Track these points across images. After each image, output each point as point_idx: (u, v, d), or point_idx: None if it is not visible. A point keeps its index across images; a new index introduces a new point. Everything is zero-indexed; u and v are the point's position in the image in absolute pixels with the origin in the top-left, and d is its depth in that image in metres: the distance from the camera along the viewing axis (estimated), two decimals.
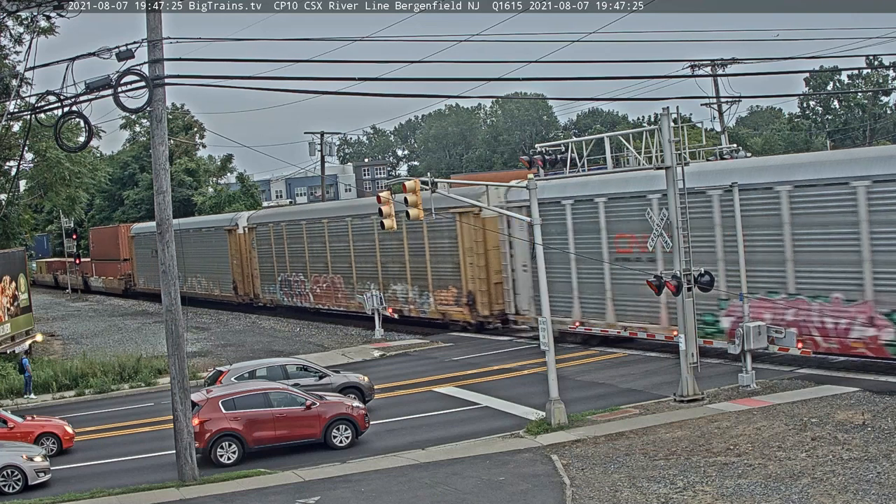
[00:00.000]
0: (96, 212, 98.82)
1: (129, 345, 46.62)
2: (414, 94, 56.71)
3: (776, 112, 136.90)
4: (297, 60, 23.33)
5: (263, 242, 54.97)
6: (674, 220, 25.45)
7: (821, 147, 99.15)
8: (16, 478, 22.30)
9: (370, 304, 44.01)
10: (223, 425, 23.43)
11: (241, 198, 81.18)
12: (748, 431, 21.51)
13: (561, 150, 27.81)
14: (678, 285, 24.88)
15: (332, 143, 70.75)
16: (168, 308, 22.05)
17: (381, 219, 26.16)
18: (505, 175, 59.68)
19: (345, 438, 24.11)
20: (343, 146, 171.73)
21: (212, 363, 37.48)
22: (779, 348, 26.36)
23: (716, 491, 17.61)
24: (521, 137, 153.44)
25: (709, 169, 31.27)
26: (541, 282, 24.84)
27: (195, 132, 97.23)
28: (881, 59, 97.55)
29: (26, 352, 41.43)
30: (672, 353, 30.32)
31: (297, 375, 28.12)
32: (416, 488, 19.61)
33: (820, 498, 16.70)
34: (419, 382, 31.96)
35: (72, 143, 32.43)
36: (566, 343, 34.97)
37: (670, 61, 51.50)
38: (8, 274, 42.34)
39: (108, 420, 30.31)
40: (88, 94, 20.86)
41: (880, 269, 25.64)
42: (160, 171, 21.86)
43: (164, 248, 21.97)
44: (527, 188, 25.07)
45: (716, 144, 42.81)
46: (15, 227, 50.50)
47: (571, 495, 18.15)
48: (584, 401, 26.50)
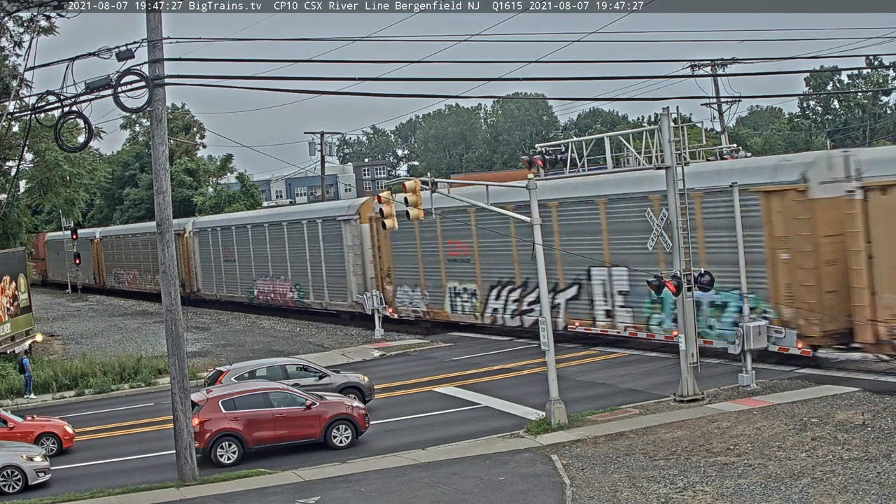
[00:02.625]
0: (96, 212, 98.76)
1: (129, 345, 46.61)
2: (414, 94, 56.76)
3: (776, 112, 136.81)
4: (297, 60, 23.39)
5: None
6: (674, 221, 25.44)
7: (821, 147, 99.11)
8: (16, 478, 22.30)
9: (370, 304, 44.02)
10: (223, 425, 23.43)
11: (241, 198, 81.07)
12: (748, 431, 21.51)
13: (561, 150, 27.82)
14: (678, 285, 24.90)
15: (332, 143, 70.95)
16: (168, 308, 22.04)
17: (383, 219, 26.20)
18: (505, 175, 59.79)
19: (345, 438, 24.11)
20: (343, 146, 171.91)
21: (212, 363, 37.48)
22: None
23: (716, 491, 17.61)
24: (521, 137, 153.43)
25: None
26: (541, 282, 24.83)
27: (195, 132, 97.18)
28: (881, 59, 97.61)
29: (26, 352, 41.40)
30: (672, 354, 30.33)
31: (297, 375, 28.12)
32: (416, 488, 19.61)
33: (820, 498, 16.70)
34: (419, 382, 31.97)
35: (72, 143, 32.38)
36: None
37: (670, 61, 51.70)
38: (8, 274, 42.33)
39: (108, 420, 30.31)
40: (88, 94, 20.86)
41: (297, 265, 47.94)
42: (160, 171, 21.86)
43: (164, 248, 21.97)
44: (527, 188, 25.08)
45: (716, 144, 42.79)
46: (15, 228, 50.48)
47: (571, 495, 18.15)
48: (584, 401, 26.50)
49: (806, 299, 27.34)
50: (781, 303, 27.90)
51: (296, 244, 51.43)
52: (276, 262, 53.97)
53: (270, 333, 48.91)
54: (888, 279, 25.14)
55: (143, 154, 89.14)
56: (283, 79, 22.11)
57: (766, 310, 28.09)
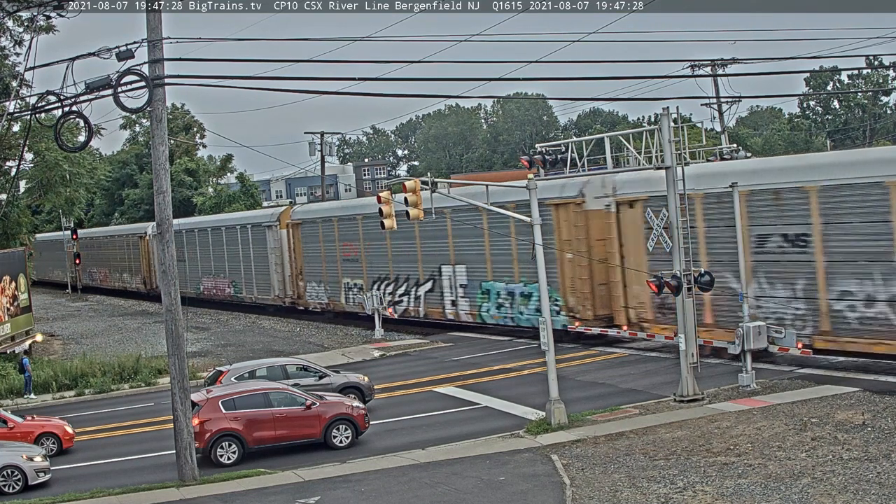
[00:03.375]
0: (96, 211, 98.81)
1: (129, 345, 46.61)
2: (414, 94, 56.60)
3: (776, 112, 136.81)
4: (298, 60, 23.36)
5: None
6: (674, 221, 25.46)
7: (821, 147, 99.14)
8: (16, 478, 22.30)
9: (370, 304, 44.06)
10: (223, 425, 23.43)
11: (241, 198, 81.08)
12: (748, 431, 21.51)
13: (561, 150, 27.84)
14: (678, 285, 24.91)
15: (332, 143, 71.17)
16: (168, 308, 22.04)
17: (382, 218, 26.22)
18: (505, 175, 60.07)
19: (345, 438, 24.11)
20: (343, 146, 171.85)
21: (212, 363, 37.49)
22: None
23: (716, 491, 17.61)
24: (522, 137, 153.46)
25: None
26: (540, 282, 24.83)
27: (195, 132, 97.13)
28: (881, 59, 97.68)
29: (26, 352, 41.42)
30: (672, 353, 30.34)
31: (297, 375, 28.12)
32: (416, 488, 19.61)
33: (820, 498, 16.70)
34: (419, 382, 31.97)
35: (72, 143, 32.36)
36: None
37: (670, 61, 51.66)
38: (8, 274, 42.35)
39: (108, 420, 30.31)
40: (88, 94, 20.86)
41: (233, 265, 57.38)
42: (160, 171, 21.86)
43: (164, 248, 21.97)
44: (527, 188, 25.09)
45: (716, 144, 42.80)
46: (15, 228, 50.48)
47: (571, 495, 18.16)
48: (584, 401, 26.50)
49: (582, 290, 34.95)
50: (567, 293, 35.42)
51: (232, 247, 59.19)
52: (217, 262, 62.03)
53: (270, 333, 48.92)
54: (635, 275, 32.04)
55: (143, 154, 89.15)
56: (283, 79, 22.14)
57: (557, 298, 35.04)
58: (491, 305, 38.68)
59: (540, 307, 25.00)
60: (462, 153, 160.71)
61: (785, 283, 27.88)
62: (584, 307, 34.91)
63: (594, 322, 34.68)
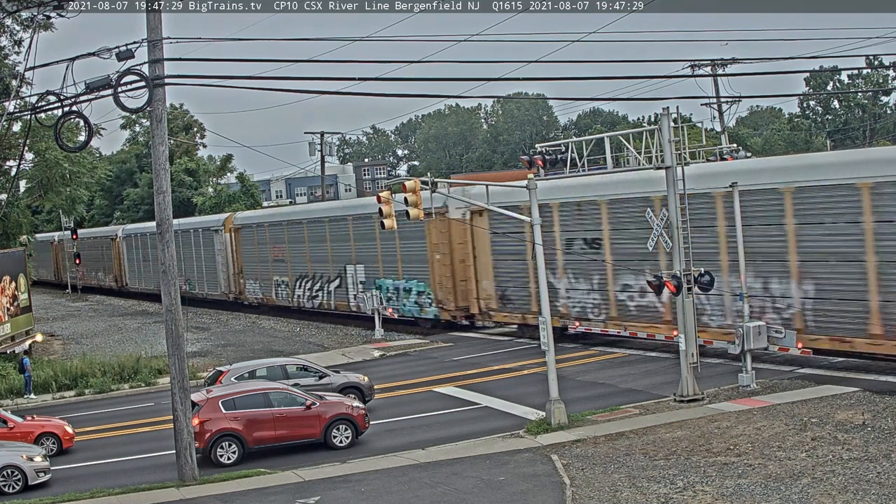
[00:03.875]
0: (97, 211, 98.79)
1: (129, 345, 46.60)
2: (414, 94, 56.60)
3: (776, 112, 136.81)
4: (298, 60, 23.33)
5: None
6: (674, 221, 25.46)
7: (821, 147, 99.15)
8: (16, 478, 22.31)
9: (370, 304, 44.06)
10: (223, 425, 23.43)
11: (241, 198, 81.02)
12: (748, 431, 21.51)
13: (561, 150, 27.84)
14: (678, 285, 24.91)
15: (332, 143, 71.25)
16: (168, 308, 22.04)
17: (382, 218, 26.22)
18: (505, 175, 60.13)
19: (345, 438, 24.11)
20: (343, 146, 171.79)
21: (212, 363, 37.48)
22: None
23: (716, 491, 17.61)
24: (522, 137, 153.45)
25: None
26: (541, 281, 24.83)
27: (195, 132, 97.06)
28: (881, 59, 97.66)
29: (26, 352, 41.42)
30: (672, 353, 30.34)
31: (297, 375, 28.11)
32: (416, 488, 19.61)
33: (820, 498, 16.70)
34: (419, 382, 31.97)
35: (72, 143, 32.34)
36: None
37: (670, 61, 51.70)
38: (8, 274, 42.34)
39: (108, 420, 30.31)
40: (88, 94, 20.85)
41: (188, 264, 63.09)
42: (160, 171, 21.86)
43: (164, 248, 22.00)
44: (527, 188, 25.09)
45: (716, 144, 42.80)
46: (15, 228, 50.47)
47: (571, 495, 18.16)
48: (584, 401, 26.51)
49: (447, 286, 41.98)
50: (436, 288, 42.39)
51: (186, 248, 64.09)
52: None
53: (270, 333, 48.92)
54: (482, 272, 40.10)
55: (143, 154, 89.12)
56: (283, 79, 22.12)
57: (429, 293, 42.73)
58: (383, 298, 44.77)
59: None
60: (462, 153, 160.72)
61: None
62: (448, 299, 42.11)
63: (456, 311, 41.96)
